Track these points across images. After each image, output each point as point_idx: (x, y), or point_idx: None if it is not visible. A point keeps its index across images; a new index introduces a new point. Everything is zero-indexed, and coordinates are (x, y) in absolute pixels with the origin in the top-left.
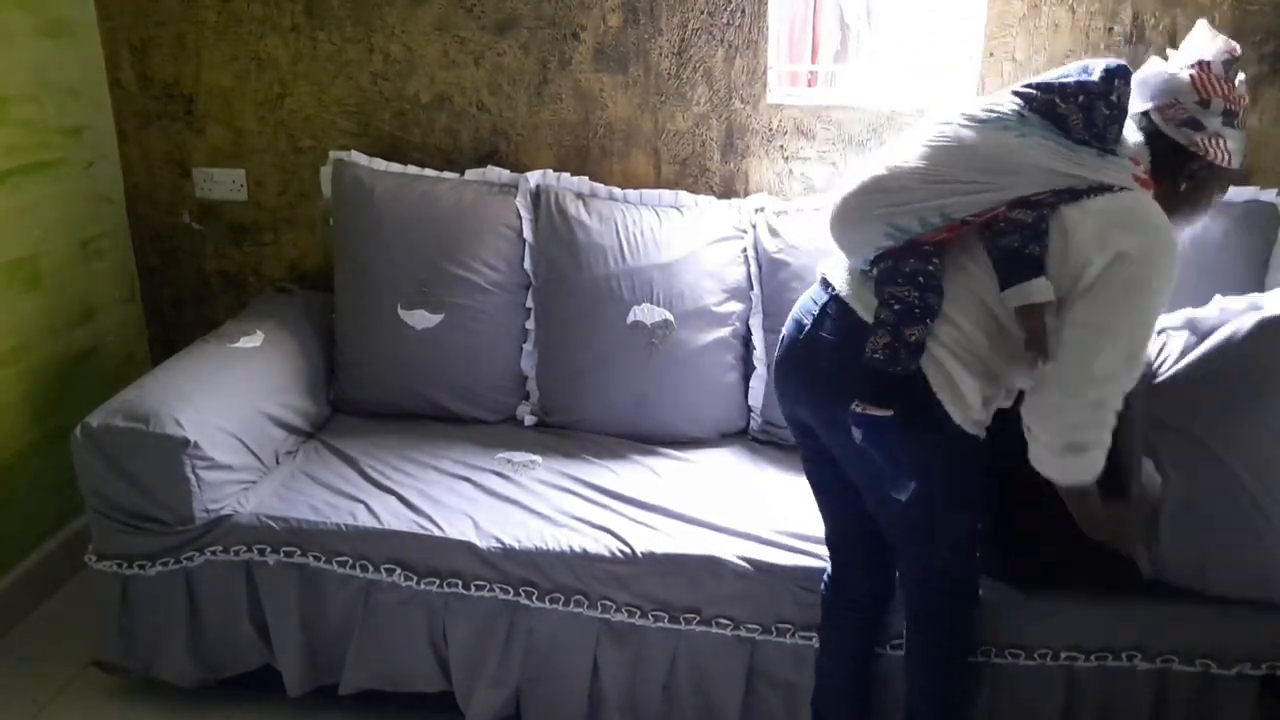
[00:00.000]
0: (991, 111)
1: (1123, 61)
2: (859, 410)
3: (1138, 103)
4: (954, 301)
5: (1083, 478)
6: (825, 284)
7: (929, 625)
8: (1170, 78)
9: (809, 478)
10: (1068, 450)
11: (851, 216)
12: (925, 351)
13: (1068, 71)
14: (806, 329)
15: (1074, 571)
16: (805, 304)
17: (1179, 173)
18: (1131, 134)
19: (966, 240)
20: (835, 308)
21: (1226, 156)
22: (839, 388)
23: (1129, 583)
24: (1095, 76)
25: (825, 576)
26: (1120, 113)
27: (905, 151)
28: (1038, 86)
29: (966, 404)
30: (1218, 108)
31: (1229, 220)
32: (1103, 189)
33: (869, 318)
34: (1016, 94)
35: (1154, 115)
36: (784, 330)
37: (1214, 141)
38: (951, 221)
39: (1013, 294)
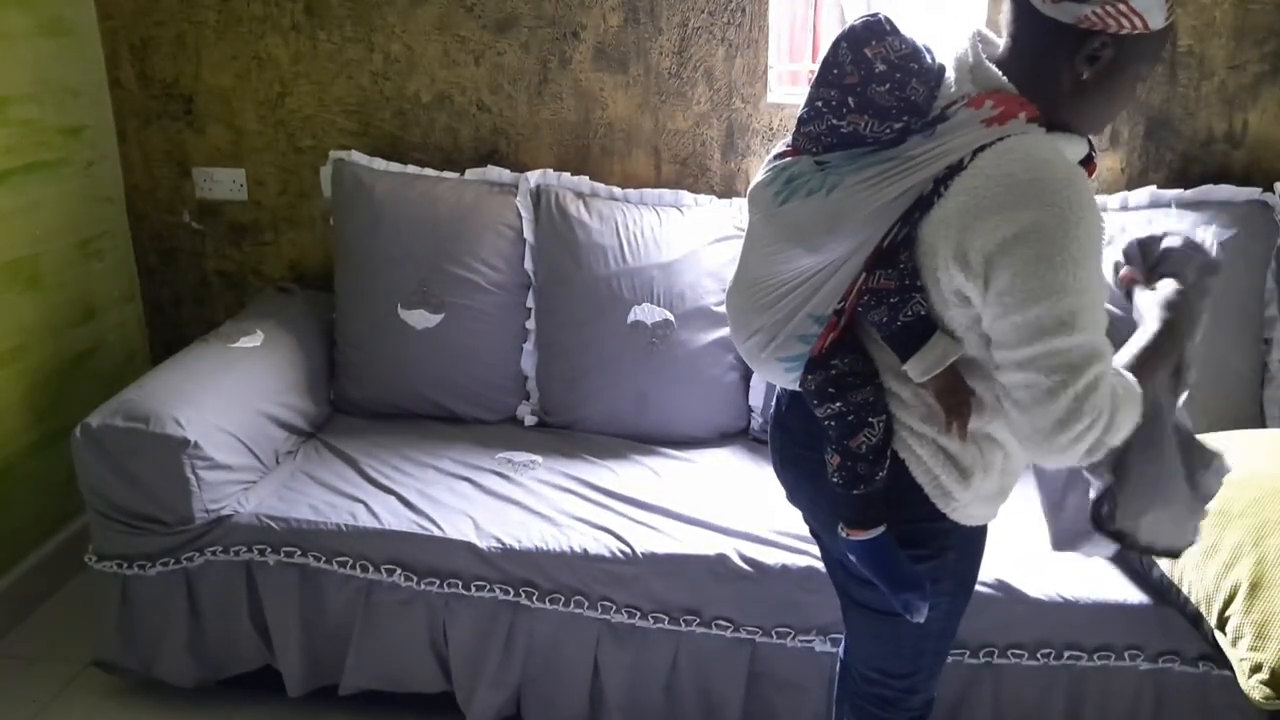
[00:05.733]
0: (790, 180)
1: (848, 24)
2: (845, 537)
3: None
4: (889, 372)
5: (1132, 423)
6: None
7: None
8: None
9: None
10: (1093, 452)
11: (753, 366)
12: (895, 442)
13: (821, 80)
14: (779, 414)
15: None
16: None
17: (1073, 59)
18: (965, 62)
19: (858, 319)
20: (799, 401)
21: (1134, 21)
22: (819, 499)
23: None
24: (848, 67)
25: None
26: (904, 69)
27: (742, 274)
28: (807, 119)
29: (950, 495)
30: None
31: (1230, 220)
32: (951, 173)
33: None
34: (796, 145)
35: None
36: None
37: (1109, 8)
38: (826, 319)
39: (912, 370)
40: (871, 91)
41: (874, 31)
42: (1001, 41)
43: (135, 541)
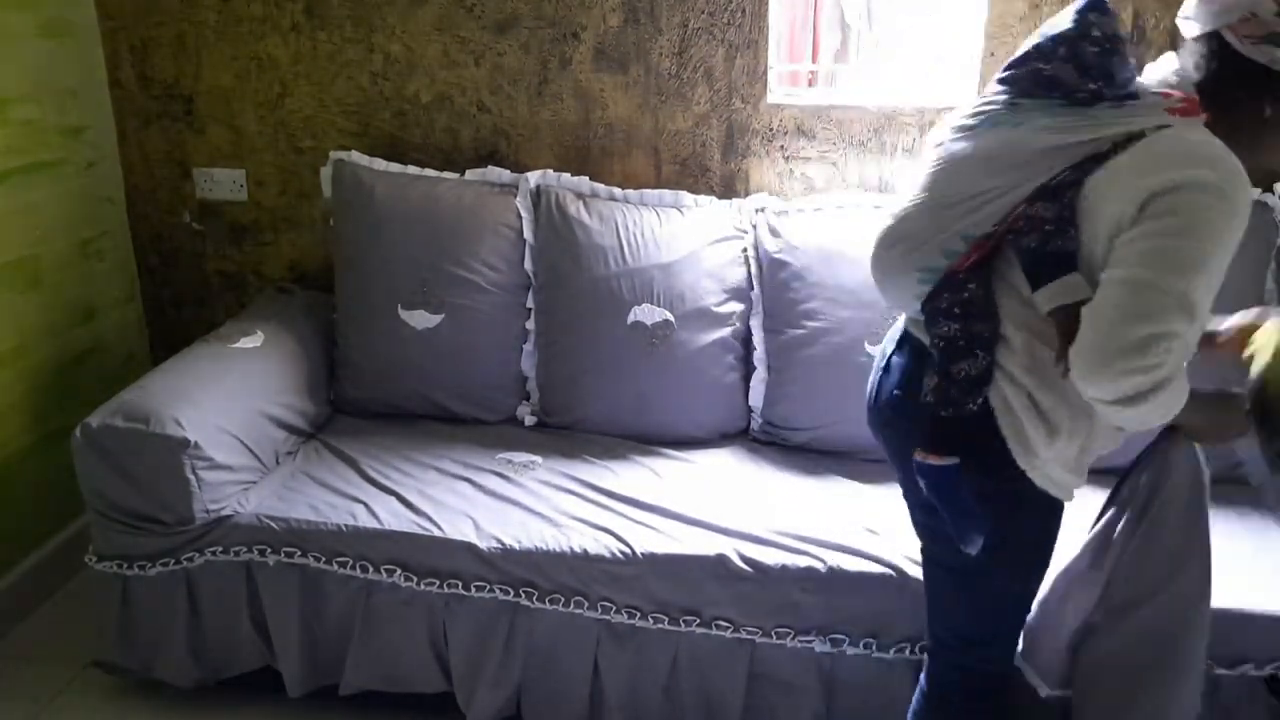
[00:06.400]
0: (980, 113)
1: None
2: (920, 459)
3: (1198, 25)
4: (1009, 319)
5: (1163, 416)
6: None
7: (955, 711)
8: None
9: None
10: (1131, 402)
11: (884, 277)
12: (991, 387)
13: (1041, 32)
14: (880, 372)
15: None
16: (884, 344)
17: (1260, 98)
18: (1163, 64)
19: (1003, 252)
20: (903, 347)
21: None
22: (903, 435)
23: None
24: (1069, 23)
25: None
26: (1113, 45)
27: (910, 190)
28: (1016, 64)
29: (1033, 451)
30: None
31: None
32: (1130, 139)
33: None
34: (1001, 82)
35: (1226, 35)
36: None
37: None
38: (975, 240)
39: (1041, 297)
40: (1082, 48)
41: (1098, 7)
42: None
43: (135, 541)
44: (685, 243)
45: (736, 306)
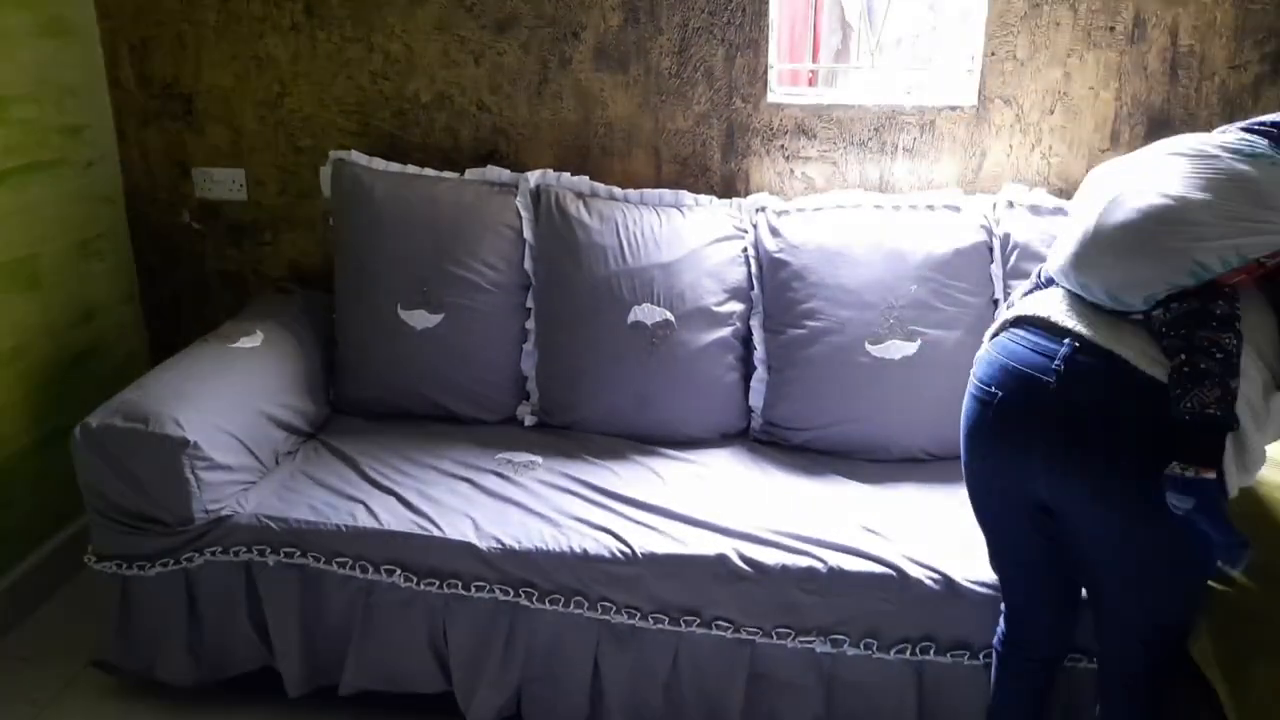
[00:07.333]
0: (1247, 144)
1: None
2: (1189, 475)
3: None
4: (1251, 346)
5: None
6: (1049, 328)
7: (1146, 691)
8: None
9: (1006, 554)
10: None
11: (1145, 248)
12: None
13: None
14: (1052, 385)
15: None
16: (1024, 354)
17: None
18: None
19: (1247, 286)
20: (1095, 358)
21: None
22: (1126, 451)
23: None
24: None
25: (1000, 635)
26: None
27: (1169, 181)
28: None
29: (1247, 467)
30: None
31: None
32: None
33: (1151, 369)
34: (1255, 133)
35: None
36: (986, 385)
37: None
38: (1247, 263)
39: None
40: None
41: None
42: None
43: (135, 541)
44: (685, 242)
45: (736, 306)
